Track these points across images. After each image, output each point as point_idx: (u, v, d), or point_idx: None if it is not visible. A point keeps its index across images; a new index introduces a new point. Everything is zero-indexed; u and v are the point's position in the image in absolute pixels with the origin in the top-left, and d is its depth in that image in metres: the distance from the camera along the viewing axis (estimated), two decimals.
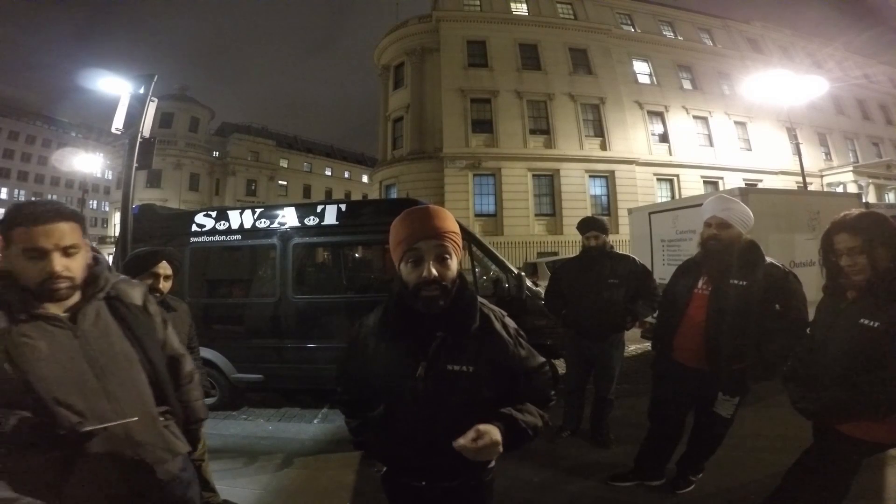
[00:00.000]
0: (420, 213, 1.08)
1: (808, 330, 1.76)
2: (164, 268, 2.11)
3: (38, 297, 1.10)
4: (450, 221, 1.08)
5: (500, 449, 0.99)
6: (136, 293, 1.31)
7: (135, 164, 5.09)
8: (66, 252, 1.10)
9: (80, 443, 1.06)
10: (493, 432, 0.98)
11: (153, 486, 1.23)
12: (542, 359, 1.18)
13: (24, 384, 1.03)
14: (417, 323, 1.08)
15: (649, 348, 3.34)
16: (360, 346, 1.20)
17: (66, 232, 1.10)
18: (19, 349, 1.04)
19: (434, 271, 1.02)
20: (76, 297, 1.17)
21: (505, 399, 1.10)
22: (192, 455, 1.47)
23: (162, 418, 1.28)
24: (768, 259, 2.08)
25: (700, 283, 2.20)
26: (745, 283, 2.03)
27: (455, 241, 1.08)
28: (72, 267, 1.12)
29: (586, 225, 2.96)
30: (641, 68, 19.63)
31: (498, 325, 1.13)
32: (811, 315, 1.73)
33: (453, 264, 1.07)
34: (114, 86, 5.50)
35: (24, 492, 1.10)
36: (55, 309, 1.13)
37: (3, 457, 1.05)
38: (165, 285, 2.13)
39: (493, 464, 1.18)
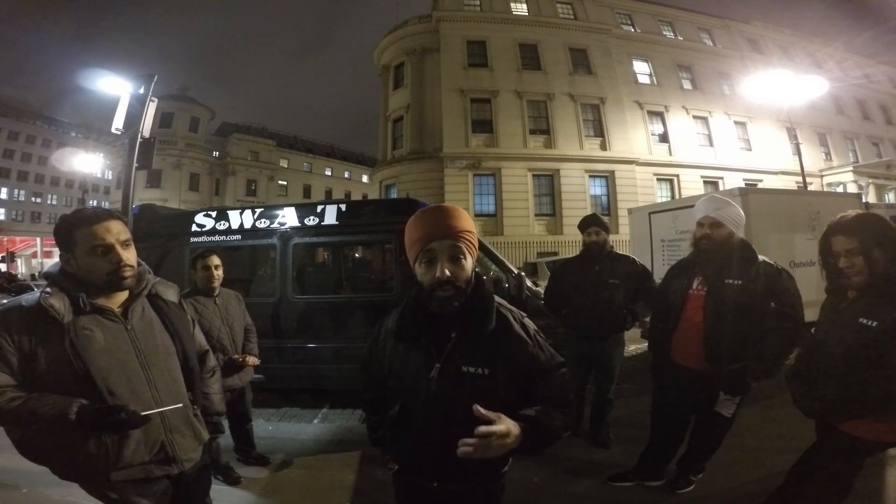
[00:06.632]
0: (434, 213, 1.07)
1: (812, 329, 1.77)
2: (215, 260, 2.61)
3: (106, 289, 1.24)
4: (464, 220, 1.06)
5: (509, 442, 0.92)
6: (171, 292, 1.45)
7: (135, 164, 5.10)
8: (124, 245, 1.25)
9: (135, 426, 1.16)
10: (506, 424, 0.92)
11: (181, 471, 1.32)
12: (561, 359, 1.15)
13: (84, 373, 1.14)
14: (433, 324, 1.08)
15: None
16: (379, 345, 1.21)
17: (120, 228, 1.25)
18: (82, 341, 1.16)
19: (447, 272, 1.01)
20: (125, 294, 1.30)
21: (522, 401, 1.07)
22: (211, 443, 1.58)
23: (192, 407, 1.39)
24: (761, 257, 2.10)
25: (695, 284, 2.20)
26: (739, 282, 2.04)
27: (470, 241, 1.06)
28: (131, 258, 1.26)
29: (587, 222, 2.97)
30: (641, 68, 19.62)
31: (517, 327, 1.11)
32: (816, 315, 1.74)
33: (468, 264, 1.05)
34: (114, 86, 5.51)
35: (75, 478, 1.23)
36: (110, 304, 1.25)
37: (60, 443, 1.15)
38: (219, 274, 2.61)
39: (506, 468, 1.17)
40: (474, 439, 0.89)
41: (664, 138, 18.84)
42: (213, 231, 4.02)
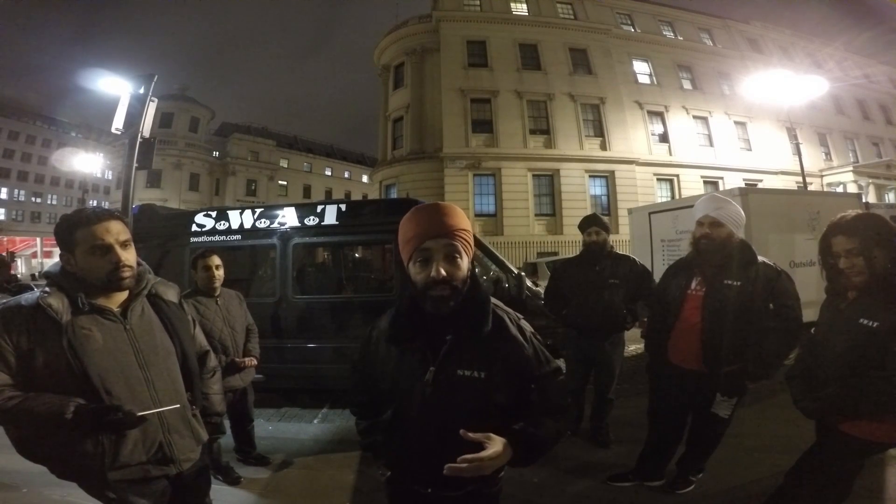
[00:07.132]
0: (429, 211, 1.04)
1: (812, 329, 1.77)
2: (216, 260, 2.59)
3: (105, 289, 1.24)
4: (459, 219, 1.03)
5: (499, 461, 0.94)
6: (172, 292, 1.45)
7: (135, 164, 5.10)
8: (123, 246, 1.25)
9: (131, 427, 1.16)
10: (494, 447, 0.93)
11: (179, 471, 1.32)
12: (557, 364, 1.12)
13: (81, 373, 1.14)
14: (428, 325, 1.05)
15: None
16: (371, 348, 1.19)
17: (120, 229, 1.26)
18: (80, 341, 1.16)
19: (443, 271, 0.98)
20: (125, 294, 1.30)
21: (519, 405, 1.05)
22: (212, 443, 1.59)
23: (191, 407, 1.39)
24: (760, 258, 2.09)
25: (693, 284, 2.19)
26: (738, 283, 2.04)
27: (466, 239, 1.03)
28: (130, 259, 1.27)
29: (587, 221, 2.97)
30: (641, 68, 19.61)
31: (513, 329, 1.08)
32: (815, 315, 1.73)
33: (464, 263, 1.02)
34: (114, 86, 5.51)
35: (73, 477, 1.23)
36: (109, 304, 1.26)
37: (58, 442, 1.15)
38: (220, 274, 2.59)
39: (502, 473, 1.14)
40: (462, 464, 0.90)
41: (664, 138, 18.83)
42: (214, 231, 4.02)
